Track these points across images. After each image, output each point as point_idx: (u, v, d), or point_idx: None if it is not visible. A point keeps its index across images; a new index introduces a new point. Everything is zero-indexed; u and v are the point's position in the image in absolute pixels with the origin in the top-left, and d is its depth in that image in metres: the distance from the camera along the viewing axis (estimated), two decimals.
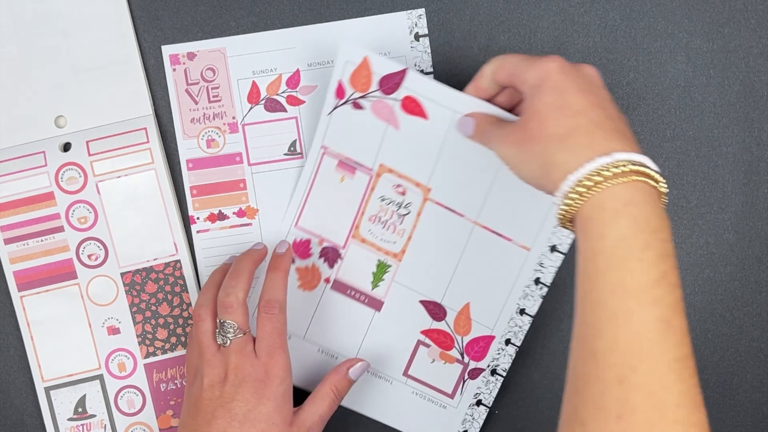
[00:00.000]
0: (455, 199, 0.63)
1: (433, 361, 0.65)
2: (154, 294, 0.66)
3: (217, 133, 0.66)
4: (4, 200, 0.65)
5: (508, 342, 0.65)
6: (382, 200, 0.63)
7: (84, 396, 0.66)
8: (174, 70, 0.66)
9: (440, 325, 0.65)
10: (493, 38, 0.66)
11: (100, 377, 0.66)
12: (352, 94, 0.61)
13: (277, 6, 0.66)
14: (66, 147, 0.66)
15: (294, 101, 0.66)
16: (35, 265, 0.66)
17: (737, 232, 0.65)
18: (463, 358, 0.65)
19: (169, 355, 0.66)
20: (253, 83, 0.66)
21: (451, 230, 0.63)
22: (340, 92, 0.61)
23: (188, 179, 0.66)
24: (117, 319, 0.66)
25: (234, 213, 0.67)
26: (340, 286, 0.65)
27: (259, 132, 0.66)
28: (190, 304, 0.66)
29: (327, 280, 0.65)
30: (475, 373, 0.65)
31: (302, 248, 0.65)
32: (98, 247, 0.66)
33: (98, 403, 0.66)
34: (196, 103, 0.66)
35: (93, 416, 0.66)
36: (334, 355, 0.65)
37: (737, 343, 0.67)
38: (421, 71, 0.66)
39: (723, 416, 0.67)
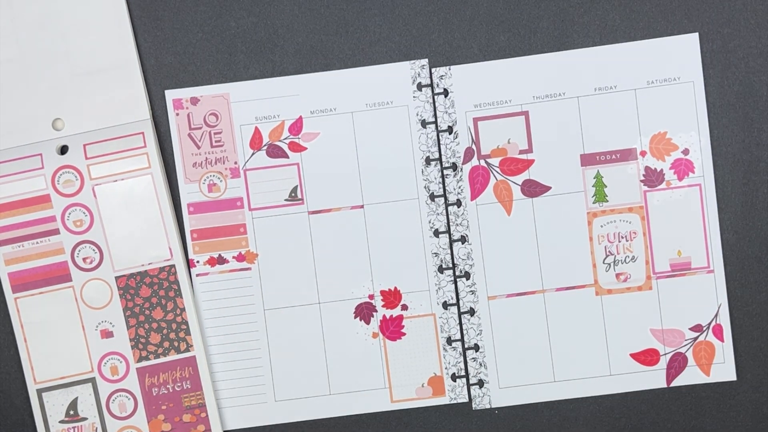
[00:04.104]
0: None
1: None
2: (148, 298, 0.66)
3: (219, 178, 0.67)
4: (0, 202, 0.65)
5: None
6: None
7: (76, 399, 0.66)
8: (177, 114, 0.67)
9: None
10: (493, 38, 0.66)
11: (93, 380, 0.66)
12: None
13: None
14: (63, 150, 0.66)
15: (296, 147, 0.67)
16: (30, 267, 0.65)
17: (737, 232, 0.65)
18: None
19: (162, 359, 0.66)
20: (256, 129, 0.67)
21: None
22: None
23: (189, 223, 0.67)
24: (110, 323, 0.66)
25: (234, 257, 0.67)
26: None
27: (260, 177, 0.67)
28: (183, 309, 0.66)
29: None
30: None
31: None
32: (93, 250, 0.66)
33: (90, 407, 0.66)
34: (199, 147, 0.67)
35: (84, 419, 0.66)
36: None
37: (737, 343, 0.66)
38: (423, 121, 0.66)
39: (723, 416, 0.66)
